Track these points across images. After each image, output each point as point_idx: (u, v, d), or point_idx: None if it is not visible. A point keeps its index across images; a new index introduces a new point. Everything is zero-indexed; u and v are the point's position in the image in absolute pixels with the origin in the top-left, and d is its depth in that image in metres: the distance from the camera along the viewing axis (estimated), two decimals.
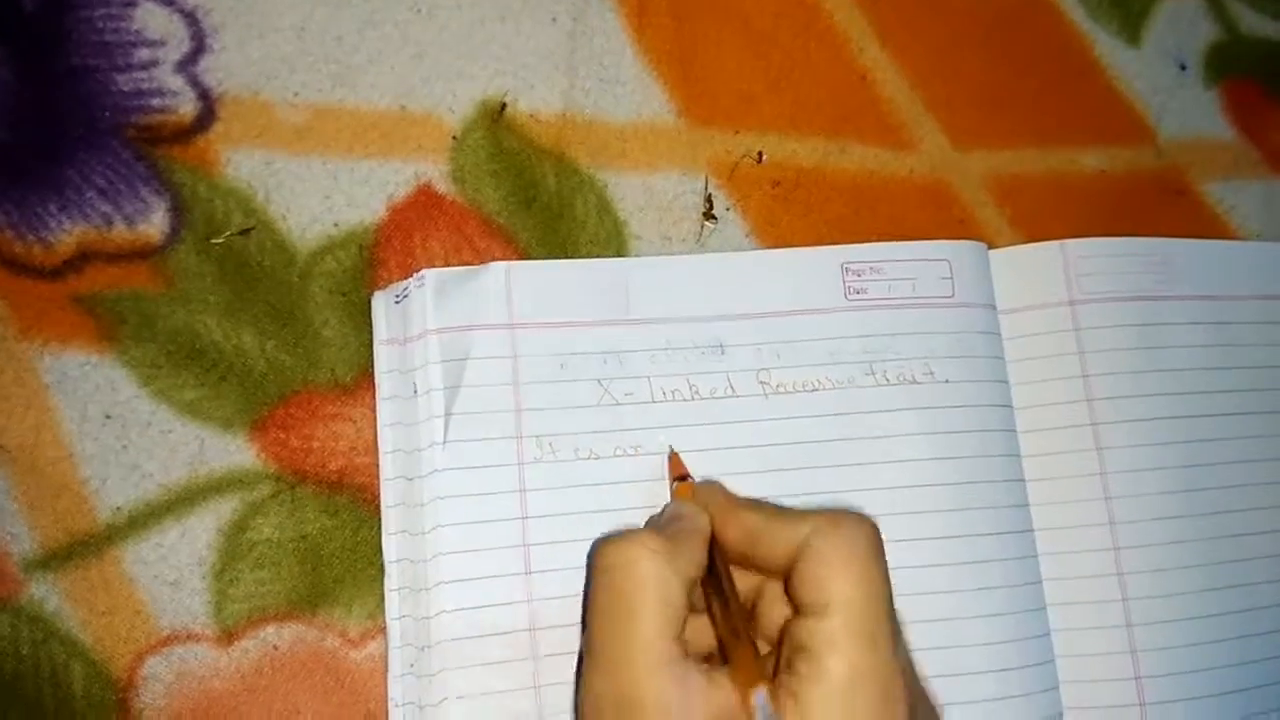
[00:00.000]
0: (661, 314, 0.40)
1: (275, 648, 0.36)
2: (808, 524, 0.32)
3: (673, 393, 0.39)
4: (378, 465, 0.38)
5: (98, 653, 0.36)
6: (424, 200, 0.40)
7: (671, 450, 0.38)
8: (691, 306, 0.40)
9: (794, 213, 0.43)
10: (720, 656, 0.34)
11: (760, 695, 0.29)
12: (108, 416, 0.37)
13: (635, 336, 0.39)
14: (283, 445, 0.38)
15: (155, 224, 0.38)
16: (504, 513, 0.37)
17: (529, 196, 0.41)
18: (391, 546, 0.37)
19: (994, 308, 0.42)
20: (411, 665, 0.36)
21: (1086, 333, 0.42)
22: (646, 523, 0.37)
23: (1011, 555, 0.40)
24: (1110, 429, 0.41)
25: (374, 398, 0.38)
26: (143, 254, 0.38)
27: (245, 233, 0.39)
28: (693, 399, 0.39)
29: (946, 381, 0.40)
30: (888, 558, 0.31)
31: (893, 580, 0.31)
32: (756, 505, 0.34)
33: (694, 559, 0.32)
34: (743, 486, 0.36)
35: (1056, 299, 0.42)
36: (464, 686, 0.35)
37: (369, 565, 0.37)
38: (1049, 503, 0.41)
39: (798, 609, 0.31)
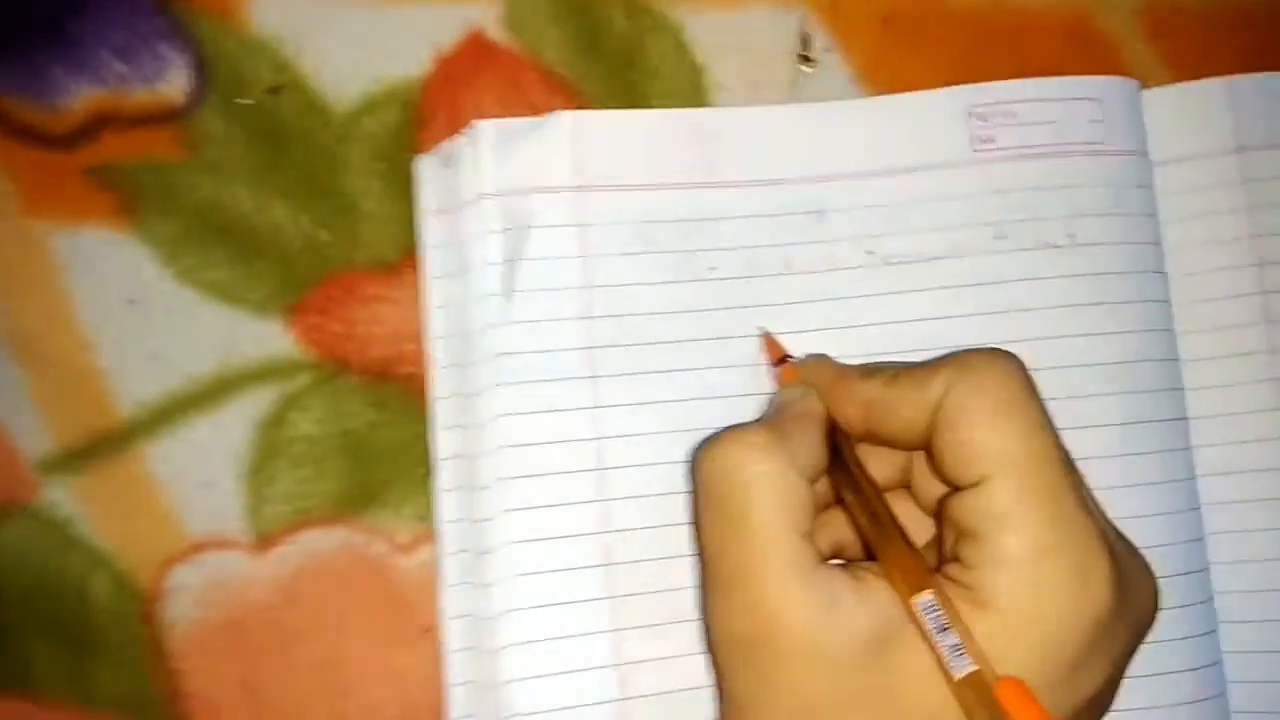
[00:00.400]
0: (752, 175, 0.34)
1: (316, 554, 0.32)
2: (939, 377, 0.26)
3: (765, 266, 0.34)
4: (427, 352, 0.33)
5: (120, 561, 0.32)
6: (475, 49, 0.35)
7: (765, 332, 0.33)
8: (787, 166, 0.34)
9: (908, 53, 0.37)
10: (867, 556, 0.29)
11: (926, 599, 0.24)
12: (129, 301, 0.33)
13: (721, 201, 0.34)
14: (321, 330, 0.33)
15: (176, 84, 0.34)
16: (573, 402, 0.32)
17: (594, 41, 0.35)
18: (444, 442, 0.33)
19: (1148, 157, 0.35)
20: (467, 573, 0.32)
21: (1257, 185, 0.35)
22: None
23: (1165, 448, 0.34)
24: None
25: (420, 277, 0.34)
26: (163, 118, 0.34)
27: (275, 91, 0.34)
28: (788, 273, 0.34)
29: (1093, 245, 0.34)
30: None
31: None
32: (873, 371, 0.29)
33: (811, 447, 0.27)
34: None
35: (1222, 147, 0.36)
36: (527, 596, 0.31)
37: (419, 463, 0.33)
38: (1209, 386, 0.35)
39: (951, 483, 0.26)
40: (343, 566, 0.33)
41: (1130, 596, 0.25)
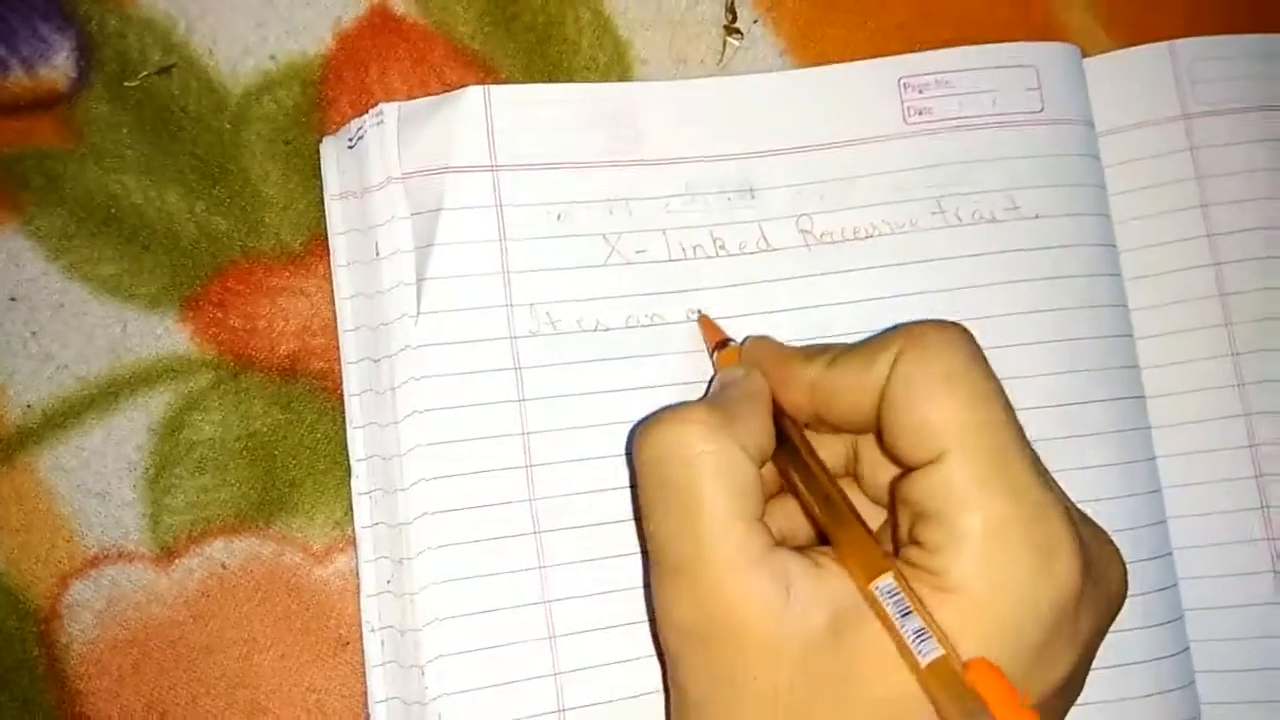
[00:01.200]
0: (679, 152, 0.33)
1: (224, 566, 0.31)
2: (884, 355, 0.25)
3: (694, 248, 0.32)
4: (338, 347, 0.31)
5: (12, 578, 0.30)
6: (379, 24, 0.33)
7: (701, 314, 0.32)
8: (715, 142, 0.33)
9: (839, 23, 0.35)
10: (820, 542, 0.27)
11: (886, 583, 0.23)
12: (12, 299, 0.31)
13: (647, 180, 0.32)
14: (221, 326, 0.31)
15: (59, 67, 0.32)
16: (496, 395, 0.31)
17: (508, 14, 0.34)
18: (358, 441, 0.31)
19: (1092, 125, 0.34)
20: (388, 581, 0.30)
21: (1205, 152, 0.34)
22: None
23: (1119, 428, 0.33)
24: (1236, 269, 0.34)
25: (329, 266, 0.32)
26: (46, 104, 0.32)
27: (165, 71, 0.32)
28: (718, 255, 0.32)
29: (1036, 217, 0.33)
30: None
31: None
32: (817, 352, 0.27)
33: (757, 427, 0.26)
34: None
35: (1167, 113, 0.35)
36: (453, 605, 0.29)
37: (333, 465, 0.31)
38: (1164, 364, 0.34)
39: (904, 464, 0.25)
40: (252, 578, 0.31)
41: (1098, 576, 0.24)
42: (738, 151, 0.33)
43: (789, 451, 0.27)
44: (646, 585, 0.30)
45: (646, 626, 0.30)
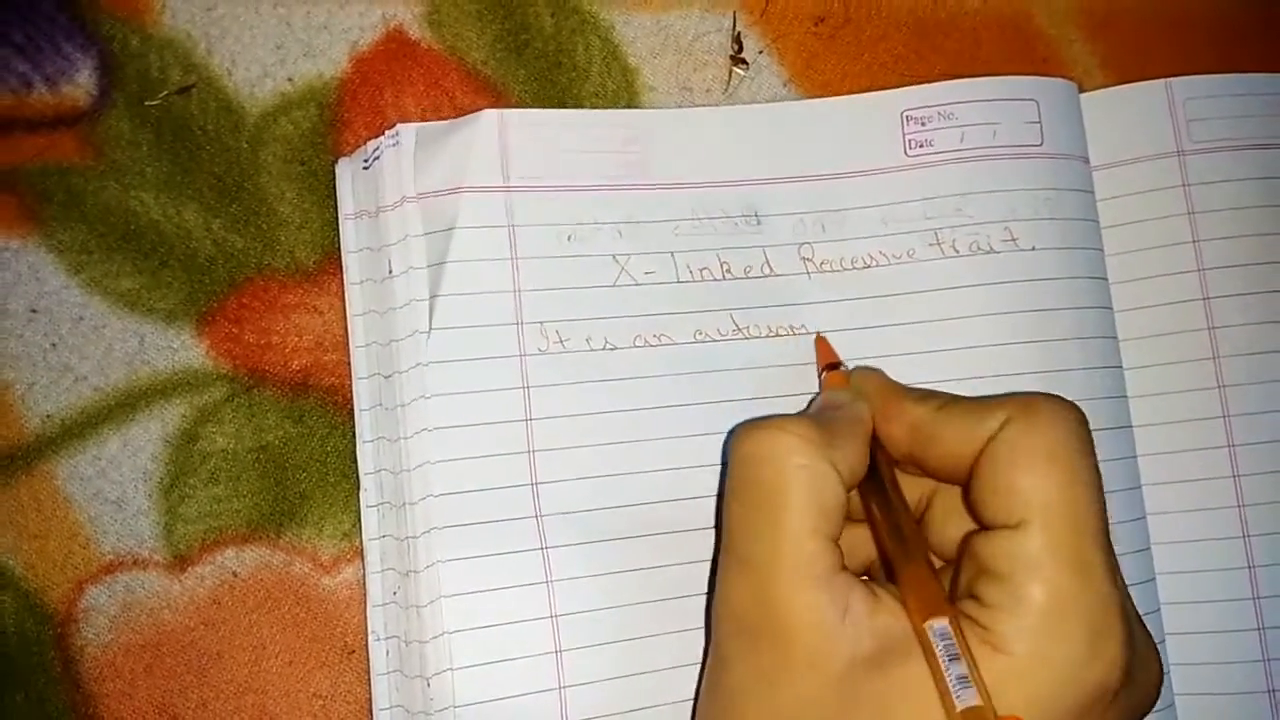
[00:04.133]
0: (686, 177, 0.34)
1: (235, 574, 0.32)
2: (994, 416, 0.26)
3: (702, 271, 0.34)
4: (349, 363, 0.33)
5: (30, 582, 0.32)
6: (395, 48, 0.35)
7: (818, 335, 0.34)
8: (721, 168, 0.35)
9: (841, 54, 0.37)
10: (884, 575, 0.29)
11: (940, 625, 0.24)
12: (33, 311, 0.33)
13: (655, 204, 0.34)
14: (236, 341, 0.33)
15: (81, 85, 0.34)
16: (504, 414, 0.32)
17: (520, 41, 0.35)
18: (367, 456, 0.33)
19: (1087, 160, 0.36)
20: (394, 593, 0.32)
21: (1198, 188, 0.36)
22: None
23: (1108, 456, 0.34)
24: (1225, 304, 0.36)
25: (341, 284, 0.33)
26: (68, 120, 0.33)
27: (185, 91, 0.34)
28: (725, 278, 0.34)
29: (1032, 249, 0.34)
30: None
31: None
32: (927, 395, 0.29)
33: (854, 453, 0.28)
34: None
35: (1162, 149, 0.36)
36: (459, 619, 0.31)
37: (342, 479, 0.33)
38: (1152, 393, 0.36)
39: (984, 523, 0.26)
40: (262, 586, 0.32)
41: (1137, 674, 0.25)
42: (743, 178, 0.35)
43: (875, 481, 0.28)
44: (651, 599, 0.32)
45: (651, 641, 0.32)
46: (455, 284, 0.32)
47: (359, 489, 0.33)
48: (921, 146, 0.35)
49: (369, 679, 0.32)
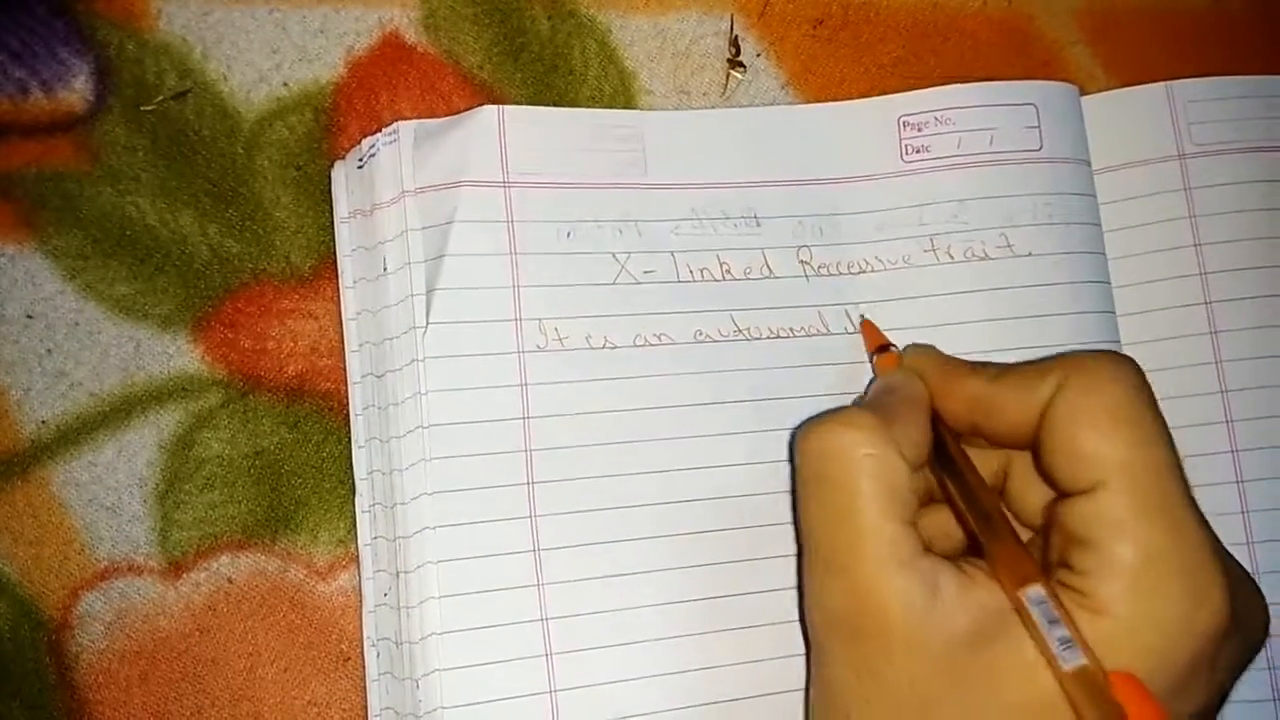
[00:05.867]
0: (686, 177, 0.35)
1: (230, 581, 0.33)
2: (1049, 378, 0.27)
3: (701, 270, 0.34)
4: (344, 367, 0.33)
5: (25, 588, 0.32)
6: (390, 52, 0.35)
7: (864, 319, 0.34)
8: (720, 169, 0.35)
9: (840, 57, 0.37)
10: (970, 551, 0.30)
11: (1034, 592, 0.24)
12: (28, 316, 0.33)
13: (655, 202, 0.34)
14: (231, 346, 0.34)
15: (77, 90, 0.34)
16: (500, 412, 0.32)
17: (516, 45, 0.36)
18: (362, 460, 0.33)
19: (1088, 164, 0.36)
20: (385, 594, 0.32)
21: (1200, 191, 0.36)
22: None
23: None
24: (1228, 308, 0.36)
25: (337, 288, 0.34)
26: (64, 126, 0.34)
27: (181, 96, 0.34)
28: (724, 279, 0.34)
29: (1029, 255, 0.35)
30: None
31: None
32: (980, 366, 0.29)
33: (916, 433, 0.28)
34: None
35: (1163, 153, 0.37)
36: (450, 620, 0.31)
37: (338, 485, 0.33)
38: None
39: (1059, 489, 0.26)
40: (257, 593, 0.33)
41: (1242, 618, 0.25)
42: (742, 180, 0.35)
43: (946, 460, 0.29)
44: (646, 604, 0.32)
45: (645, 646, 0.32)
46: (453, 278, 0.32)
47: (354, 494, 0.33)
48: (918, 152, 0.35)
49: (364, 686, 0.32)
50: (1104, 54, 0.38)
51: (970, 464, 0.29)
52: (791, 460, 0.33)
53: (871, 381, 0.33)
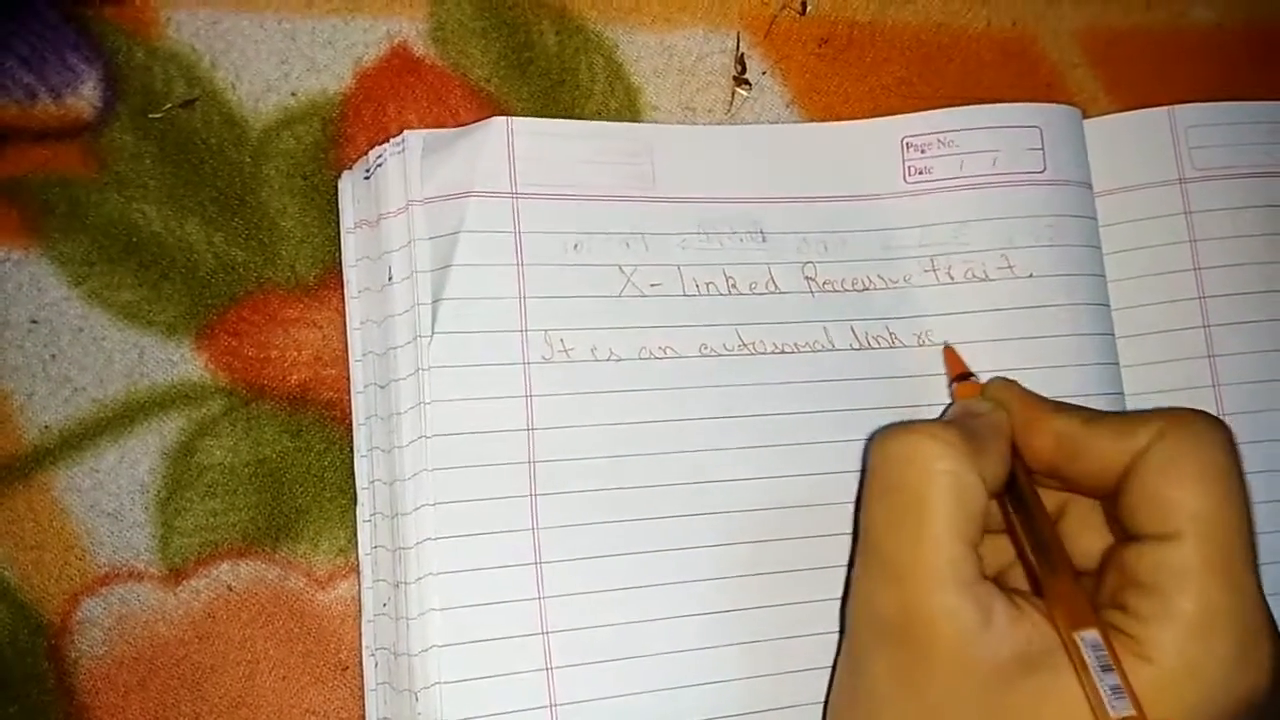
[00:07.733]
0: (693, 192, 0.35)
1: (230, 588, 0.33)
2: (1146, 430, 0.27)
3: (708, 285, 0.35)
4: (348, 377, 0.34)
5: (25, 593, 0.33)
6: (399, 64, 0.36)
7: (947, 346, 0.35)
8: (727, 185, 0.36)
9: (844, 77, 0.38)
10: (1027, 586, 0.30)
11: (1092, 636, 0.25)
12: (33, 322, 0.34)
13: (662, 216, 0.35)
14: (235, 355, 0.34)
15: (85, 97, 0.35)
16: (504, 423, 0.33)
17: (524, 58, 0.36)
18: (363, 469, 0.34)
19: (1090, 187, 0.37)
20: (384, 604, 0.32)
21: (1200, 216, 0.37)
22: None
23: None
24: (1226, 332, 0.37)
25: (341, 298, 0.34)
26: (72, 132, 0.34)
27: (188, 104, 0.35)
28: (730, 293, 0.35)
29: (1030, 276, 0.35)
30: None
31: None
32: (1069, 408, 0.30)
33: (996, 461, 0.29)
34: None
35: (1164, 176, 0.37)
36: (450, 633, 0.32)
37: (339, 494, 0.34)
38: None
39: (1134, 533, 0.27)
40: (257, 601, 0.33)
41: None
42: (748, 195, 0.36)
43: (1016, 493, 0.29)
44: (648, 618, 0.33)
45: (646, 661, 0.32)
46: (459, 289, 0.33)
47: (355, 504, 0.34)
48: (920, 174, 0.36)
49: (362, 695, 0.33)
50: (1106, 77, 0.39)
51: (1039, 500, 0.29)
52: (864, 462, 0.33)
53: (949, 406, 0.34)
